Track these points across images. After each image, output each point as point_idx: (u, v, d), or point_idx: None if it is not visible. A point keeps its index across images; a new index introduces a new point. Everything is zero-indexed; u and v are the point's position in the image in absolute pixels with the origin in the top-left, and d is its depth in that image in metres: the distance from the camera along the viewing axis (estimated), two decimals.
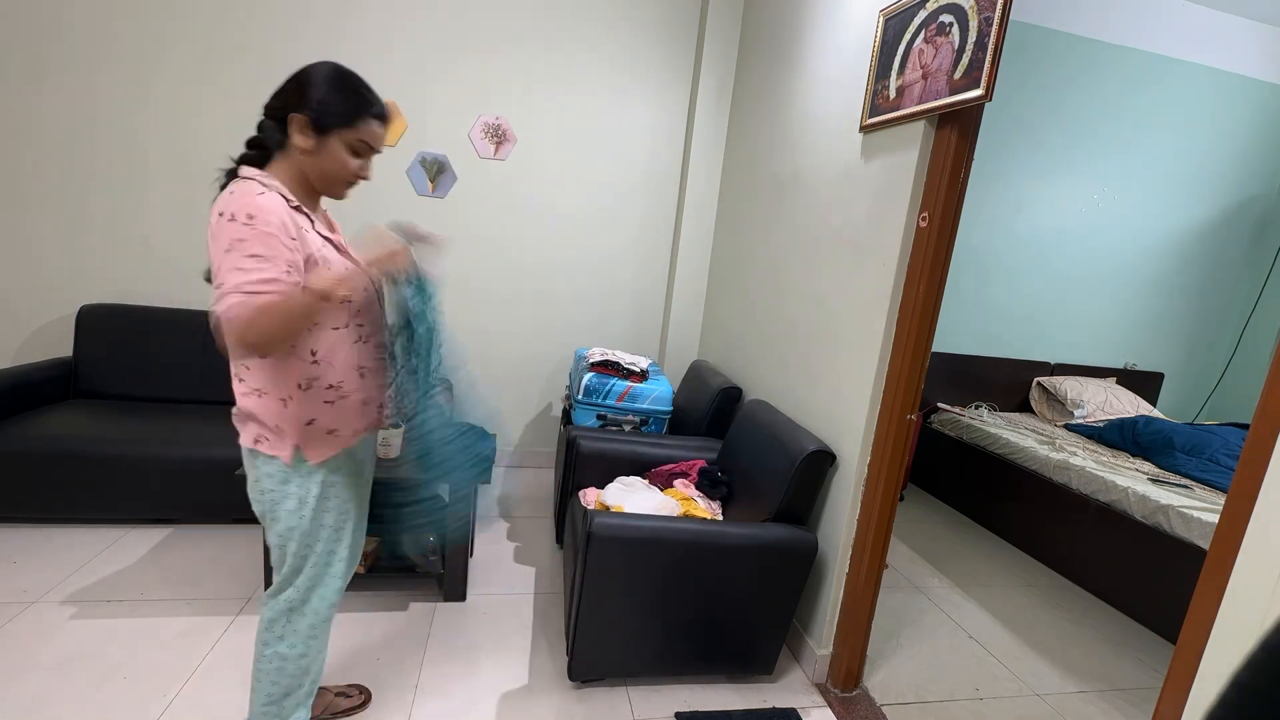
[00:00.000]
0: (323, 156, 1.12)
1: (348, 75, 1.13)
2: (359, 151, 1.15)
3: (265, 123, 1.12)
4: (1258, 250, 4.08)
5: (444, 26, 2.89)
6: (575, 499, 2.15)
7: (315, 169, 1.13)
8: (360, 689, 1.66)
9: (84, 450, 2.25)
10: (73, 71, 2.63)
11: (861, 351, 1.80)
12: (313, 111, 1.08)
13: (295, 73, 1.12)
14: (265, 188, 1.07)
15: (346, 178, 1.17)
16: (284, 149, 1.12)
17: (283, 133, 1.11)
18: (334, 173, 1.14)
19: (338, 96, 1.10)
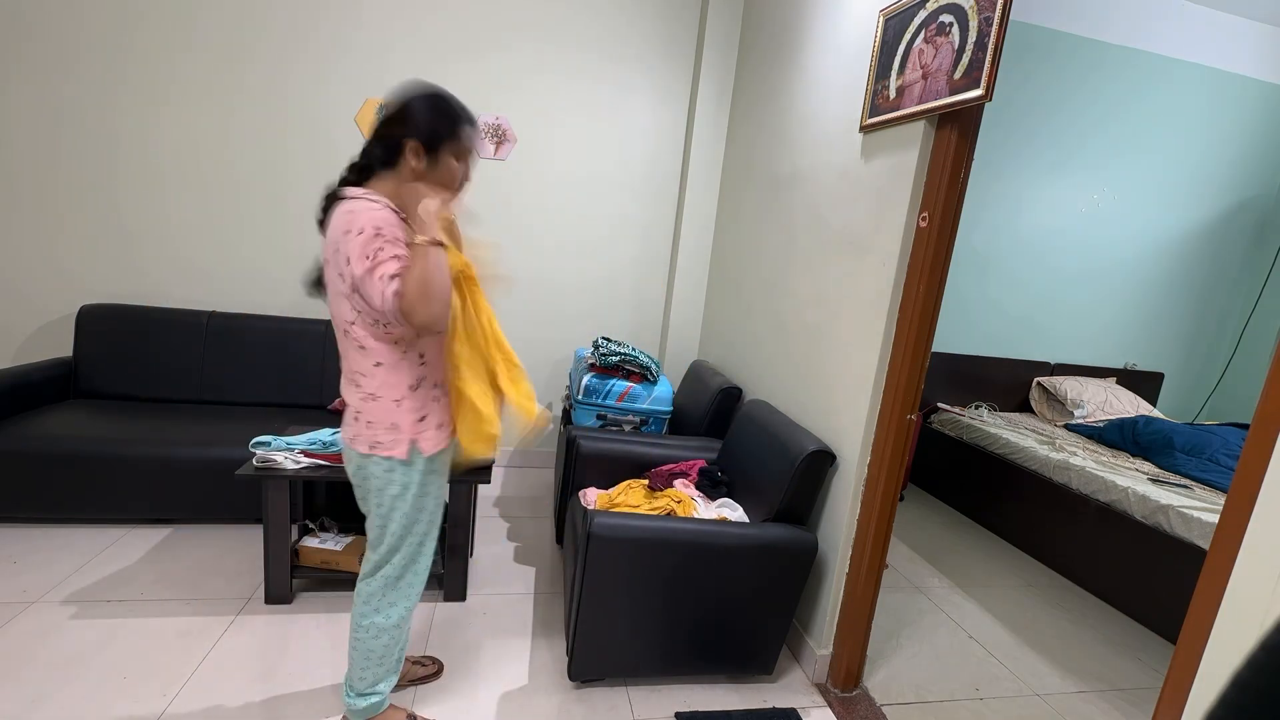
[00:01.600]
0: (437, 170, 1.27)
1: (442, 96, 1.29)
2: (461, 157, 1.30)
3: (376, 147, 1.26)
4: (1258, 250, 4.08)
5: (444, 27, 2.90)
6: (575, 499, 2.15)
7: (433, 181, 1.26)
8: (434, 659, 1.80)
9: (84, 450, 2.25)
10: (72, 71, 2.63)
11: (861, 351, 1.80)
12: (424, 136, 1.23)
13: (400, 102, 1.26)
14: (377, 203, 1.20)
15: (456, 184, 1.31)
16: (393, 169, 1.26)
17: (394, 156, 1.25)
18: (448, 183, 1.29)
19: (441, 119, 1.26)
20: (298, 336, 2.86)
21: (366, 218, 1.16)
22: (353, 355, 1.28)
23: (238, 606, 1.97)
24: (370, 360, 1.26)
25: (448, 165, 1.27)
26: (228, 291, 2.93)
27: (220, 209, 2.86)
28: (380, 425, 1.29)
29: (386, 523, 1.36)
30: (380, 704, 1.50)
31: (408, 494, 1.34)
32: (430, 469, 1.36)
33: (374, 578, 1.41)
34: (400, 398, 1.28)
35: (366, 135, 1.29)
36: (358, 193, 1.22)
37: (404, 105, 1.25)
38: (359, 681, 1.45)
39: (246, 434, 2.08)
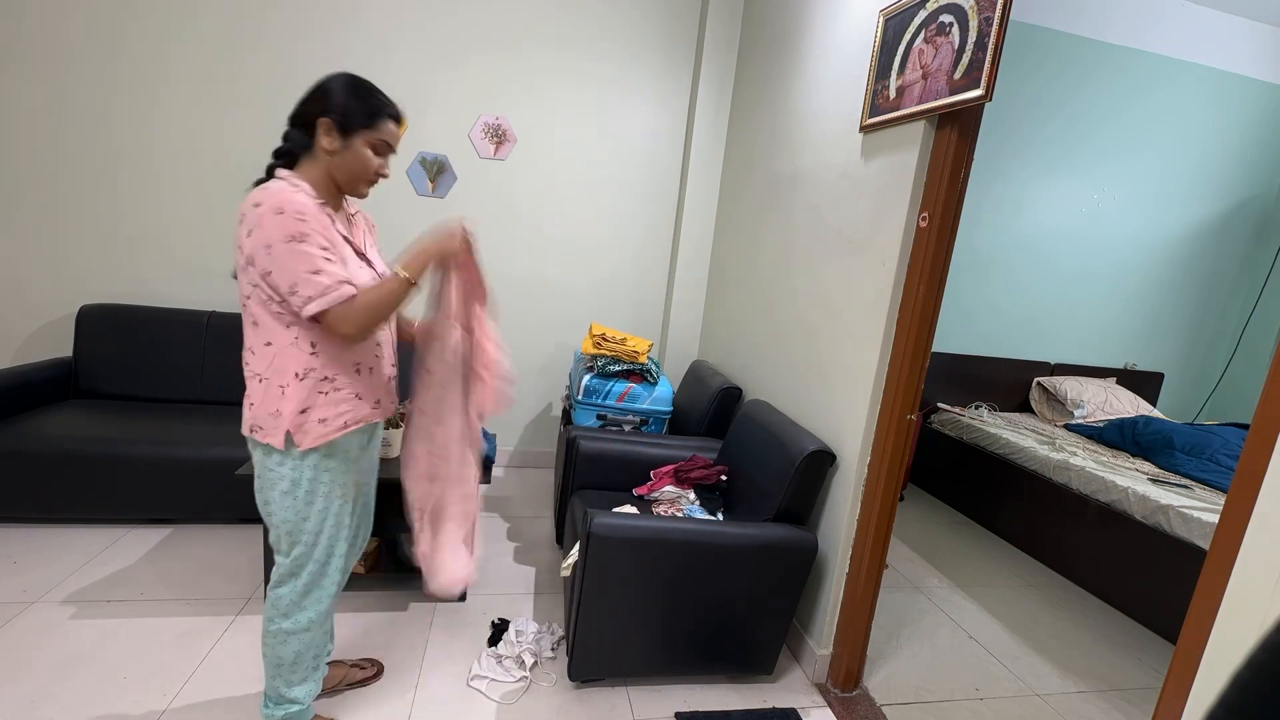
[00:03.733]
0: (348, 156, 1.22)
1: (363, 82, 1.24)
2: (379, 150, 1.25)
3: (292, 130, 1.23)
4: (1257, 250, 4.08)
5: (444, 27, 2.90)
6: (575, 499, 2.14)
7: (341, 168, 1.23)
8: (374, 662, 1.77)
9: (84, 450, 2.25)
10: (74, 71, 2.63)
11: (861, 351, 1.80)
12: (337, 115, 1.19)
13: (316, 84, 1.22)
14: (296, 186, 1.17)
15: (369, 175, 1.26)
16: (310, 153, 1.22)
17: (309, 138, 1.21)
18: (358, 171, 1.24)
19: (357, 101, 1.21)
20: None
21: (282, 197, 1.12)
22: (247, 330, 1.22)
23: (238, 606, 1.97)
24: (261, 338, 1.20)
25: (360, 153, 1.22)
26: (228, 291, 2.93)
27: (221, 209, 2.85)
28: (263, 409, 1.22)
29: (277, 524, 1.29)
30: (301, 713, 1.42)
31: (297, 490, 1.26)
32: (318, 466, 1.27)
33: (283, 589, 1.33)
34: (286, 383, 1.21)
35: None
36: (283, 174, 1.20)
37: (320, 85, 1.22)
38: (271, 690, 1.39)
39: None
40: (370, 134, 1.22)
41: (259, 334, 1.20)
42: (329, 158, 1.21)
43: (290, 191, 1.14)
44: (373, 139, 1.23)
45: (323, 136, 1.20)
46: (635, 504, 2.07)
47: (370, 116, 1.22)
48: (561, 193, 3.18)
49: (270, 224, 1.10)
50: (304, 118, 1.21)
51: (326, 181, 1.24)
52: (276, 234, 1.10)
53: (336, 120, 1.19)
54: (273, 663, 1.37)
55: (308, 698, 1.43)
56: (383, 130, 1.24)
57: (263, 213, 1.10)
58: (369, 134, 1.22)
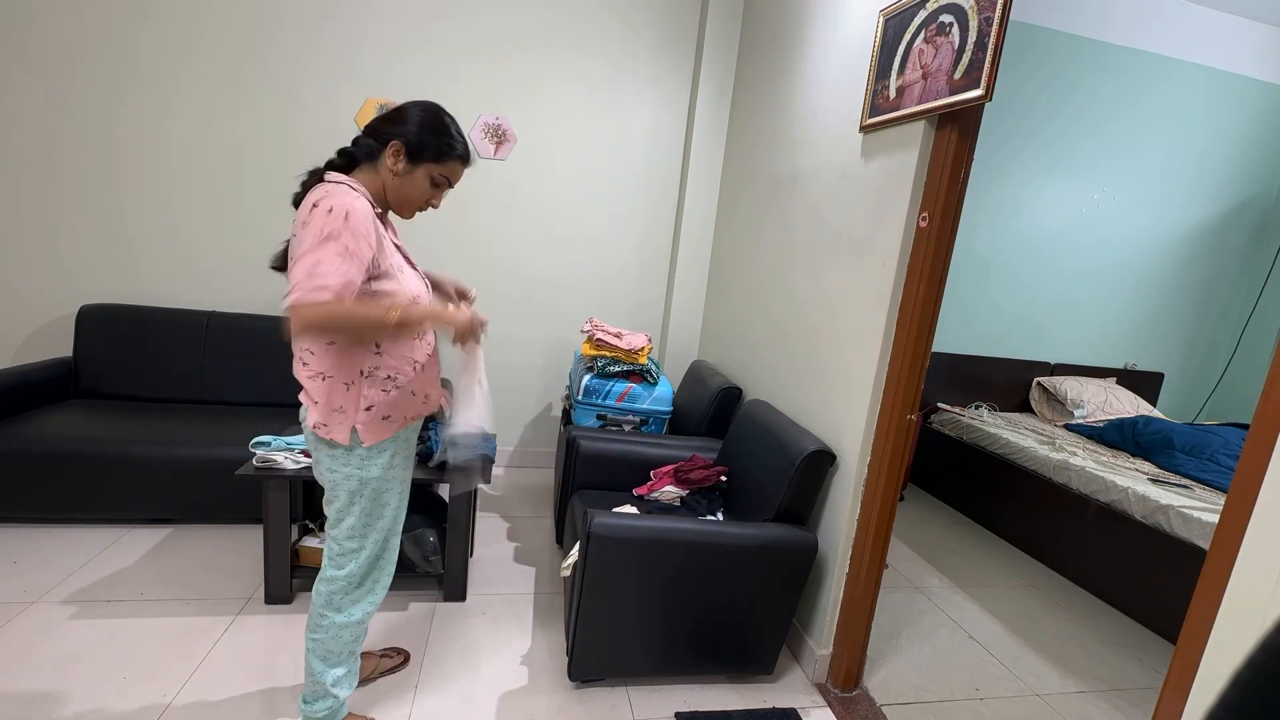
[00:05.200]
0: (408, 181, 1.28)
1: (444, 118, 1.30)
2: (438, 183, 1.32)
3: (365, 140, 1.27)
4: (1257, 250, 4.08)
5: (444, 27, 2.90)
6: (575, 499, 2.14)
7: (397, 190, 1.29)
8: (400, 650, 1.83)
9: (84, 450, 2.25)
10: (76, 71, 2.63)
11: (861, 351, 1.80)
12: (410, 142, 1.25)
13: (402, 105, 1.29)
14: (354, 190, 1.20)
15: (420, 203, 1.33)
16: (372, 164, 1.27)
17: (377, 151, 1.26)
18: (413, 197, 1.31)
19: (433, 136, 1.27)
20: None
21: (340, 199, 1.14)
22: None
23: (238, 606, 1.97)
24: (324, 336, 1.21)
25: (419, 182, 1.29)
26: (228, 291, 2.93)
27: (221, 209, 2.86)
28: (327, 406, 1.25)
29: (339, 518, 1.33)
30: (339, 708, 1.44)
31: (365, 489, 1.31)
32: (386, 463, 1.33)
33: (337, 578, 1.36)
34: (351, 381, 1.25)
35: None
36: (339, 177, 1.23)
37: (403, 108, 1.28)
38: (316, 685, 1.40)
39: (246, 434, 2.08)
40: (435, 167, 1.29)
41: None
42: (390, 176, 1.27)
43: (348, 195, 1.16)
44: (435, 172, 1.29)
45: (390, 156, 1.25)
46: (635, 504, 2.07)
47: (440, 153, 1.28)
48: (561, 193, 3.17)
49: (317, 221, 1.12)
50: (379, 133, 1.26)
51: (380, 195, 1.29)
52: (315, 230, 1.11)
53: (409, 146, 1.25)
54: (319, 657, 1.39)
55: (348, 691, 1.46)
56: (447, 167, 1.30)
57: (319, 212, 1.13)
58: (434, 167, 1.28)
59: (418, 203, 1.32)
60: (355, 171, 1.27)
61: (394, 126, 1.25)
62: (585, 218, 3.23)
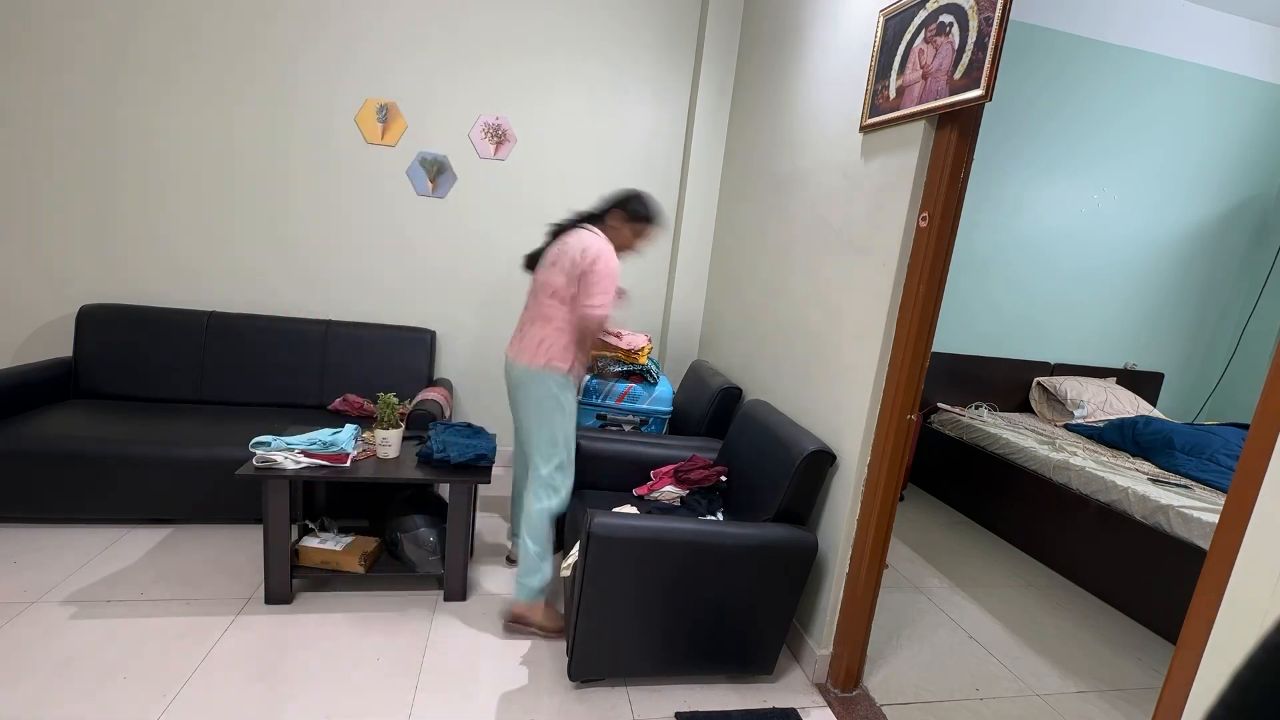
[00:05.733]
0: (622, 234, 2.05)
1: (649, 199, 2.07)
2: (639, 236, 2.09)
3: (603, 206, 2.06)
4: (1257, 250, 4.08)
5: (444, 27, 2.90)
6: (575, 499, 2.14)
7: (616, 238, 2.03)
8: None
9: (84, 450, 2.25)
10: (76, 70, 2.63)
11: (861, 351, 1.80)
12: (629, 214, 2.04)
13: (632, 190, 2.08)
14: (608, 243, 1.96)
15: (628, 249, 2.09)
16: (604, 223, 2.04)
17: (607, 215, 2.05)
18: (623, 245, 2.06)
19: (644, 208, 2.06)
20: (298, 336, 2.86)
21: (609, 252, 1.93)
22: (555, 306, 1.94)
23: (238, 606, 1.97)
24: (564, 314, 1.93)
25: (628, 236, 2.06)
26: (228, 291, 2.93)
27: (221, 209, 2.86)
28: (558, 348, 1.94)
29: (551, 429, 1.96)
30: (544, 585, 1.96)
31: (566, 407, 1.98)
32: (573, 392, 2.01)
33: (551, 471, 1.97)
34: (567, 343, 1.95)
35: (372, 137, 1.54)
36: (595, 230, 1.99)
37: (633, 192, 2.06)
38: (529, 561, 1.92)
39: (247, 434, 2.08)
40: (640, 227, 2.06)
41: (563, 311, 1.93)
42: (610, 231, 2.02)
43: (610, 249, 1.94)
44: (640, 230, 2.07)
45: (615, 220, 2.04)
46: (635, 504, 2.07)
47: (645, 220, 2.06)
48: (561, 193, 3.17)
49: (605, 262, 1.89)
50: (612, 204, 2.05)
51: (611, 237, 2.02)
52: (605, 269, 1.88)
53: (628, 216, 2.04)
54: (532, 536, 1.94)
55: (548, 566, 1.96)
56: (647, 230, 2.08)
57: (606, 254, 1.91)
58: (639, 227, 2.06)
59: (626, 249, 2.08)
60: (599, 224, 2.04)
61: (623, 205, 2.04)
62: None
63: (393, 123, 2.92)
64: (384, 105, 2.89)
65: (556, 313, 1.94)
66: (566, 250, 1.92)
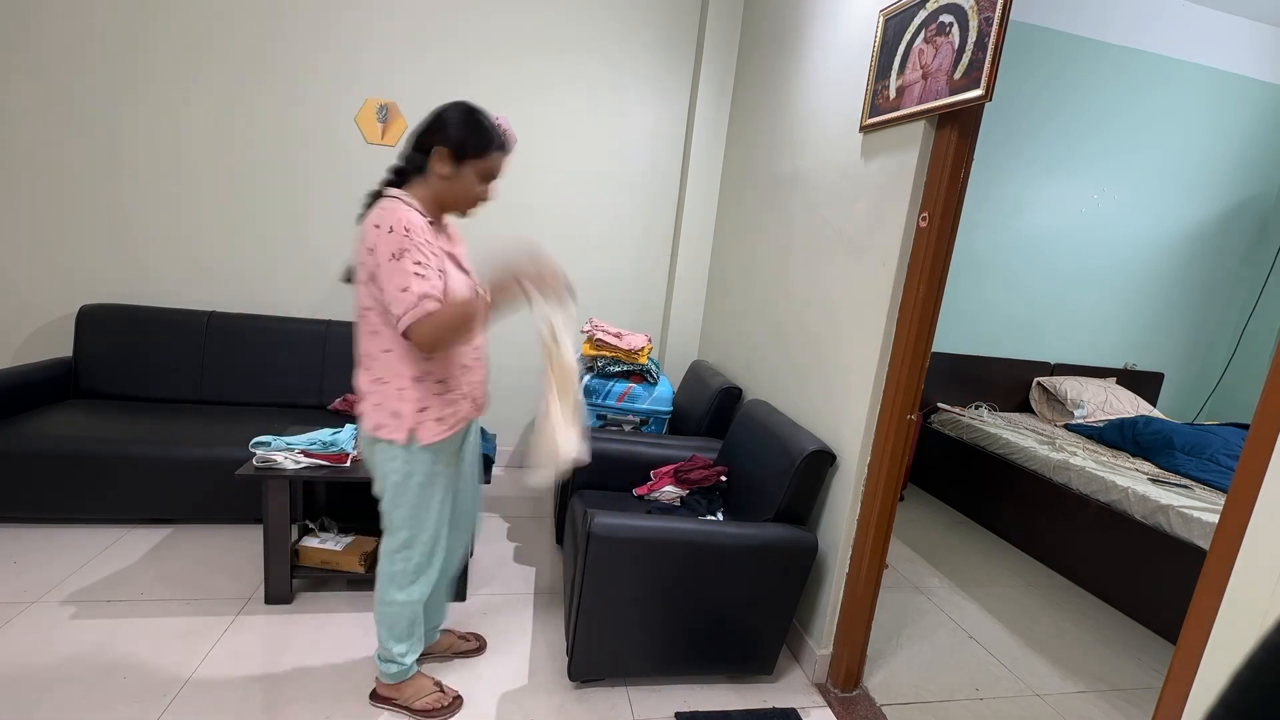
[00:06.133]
0: (457, 182, 1.35)
1: (478, 114, 1.34)
2: (485, 177, 1.38)
3: (413, 154, 1.34)
4: (1258, 250, 4.08)
5: (444, 27, 2.90)
6: (575, 499, 2.14)
7: (450, 192, 1.36)
8: (478, 636, 1.91)
9: (84, 450, 2.25)
10: (78, 70, 2.63)
11: (861, 351, 1.80)
12: (453, 145, 1.31)
13: (435, 112, 1.33)
14: (408, 205, 1.29)
15: (474, 199, 1.40)
16: (423, 175, 1.35)
17: (424, 161, 1.33)
18: (466, 195, 1.38)
19: (471, 134, 1.32)
20: (298, 336, 2.86)
21: (396, 216, 1.24)
22: (366, 339, 1.34)
23: (238, 606, 1.97)
24: (380, 345, 1.33)
25: (468, 180, 1.35)
26: (228, 291, 2.93)
27: (222, 209, 2.86)
28: (385, 409, 1.35)
29: (392, 510, 1.43)
30: (406, 671, 1.59)
31: (410, 482, 1.39)
32: (434, 460, 1.41)
33: (394, 559, 1.47)
34: (404, 386, 1.34)
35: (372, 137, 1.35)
36: (395, 193, 1.32)
37: (439, 114, 1.33)
38: (384, 651, 1.57)
39: (246, 434, 2.08)
40: (479, 163, 1.34)
41: (378, 341, 1.32)
42: (441, 181, 1.34)
43: (403, 210, 1.26)
44: (480, 167, 1.35)
45: (437, 163, 1.32)
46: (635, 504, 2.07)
47: (481, 148, 1.33)
48: (561, 193, 3.17)
49: (383, 242, 1.23)
50: (422, 145, 1.32)
51: (435, 201, 1.37)
52: (385, 252, 1.22)
53: (452, 149, 1.31)
54: (386, 627, 1.54)
55: (412, 659, 1.60)
56: (491, 160, 1.36)
57: (380, 232, 1.23)
58: (478, 163, 1.34)
59: (471, 200, 1.39)
60: (408, 185, 1.35)
61: (434, 134, 1.31)
62: (585, 218, 3.23)
63: (393, 123, 2.92)
64: (384, 105, 2.89)
65: (375, 343, 1.33)
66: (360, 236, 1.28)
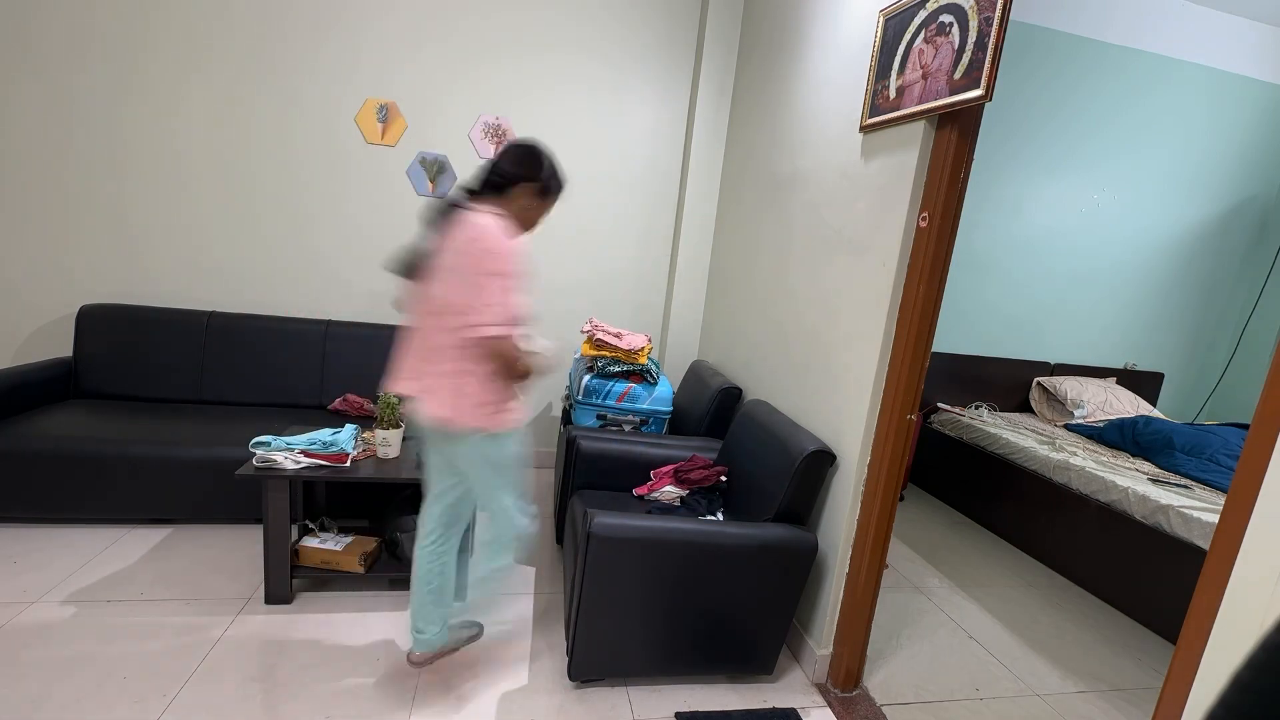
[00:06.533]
0: (534, 213, 1.57)
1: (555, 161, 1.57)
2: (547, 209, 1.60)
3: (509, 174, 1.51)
4: (1258, 250, 4.08)
5: (444, 26, 2.90)
6: (575, 499, 2.14)
7: (526, 219, 1.56)
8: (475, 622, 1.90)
9: (84, 450, 2.25)
10: (79, 70, 2.63)
11: (861, 351, 1.80)
12: (543, 183, 1.53)
13: (531, 149, 1.53)
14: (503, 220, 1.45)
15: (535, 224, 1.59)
16: (503, 196, 1.51)
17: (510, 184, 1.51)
18: (533, 224, 1.59)
19: (554, 180, 1.57)
20: (298, 336, 2.86)
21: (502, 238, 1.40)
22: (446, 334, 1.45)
23: (238, 606, 1.97)
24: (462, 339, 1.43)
25: (541, 214, 1.58)
26: (228, 291, 2.93)
27: (222, 209, 2.86)
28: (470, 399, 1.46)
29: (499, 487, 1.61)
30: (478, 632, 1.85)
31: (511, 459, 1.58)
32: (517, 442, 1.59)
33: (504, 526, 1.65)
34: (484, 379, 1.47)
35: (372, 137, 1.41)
36: (484, 208, 1.45)
37: (539, 155, 1.53)
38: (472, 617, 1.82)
39: (246, 434, 2.08)
40: (551, 201, 1.58)
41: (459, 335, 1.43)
42: (522, 210, 1.53)
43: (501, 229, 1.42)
44: (549, 204, 1.59)
45: (524, 194, 1.52)
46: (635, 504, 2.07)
47: (558, 191, 1.59)
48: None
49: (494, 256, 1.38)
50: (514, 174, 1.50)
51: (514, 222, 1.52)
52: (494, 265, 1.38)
53: (539, 187, 1.53)
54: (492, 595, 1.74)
55: None
56: (554, 201, 1.60)
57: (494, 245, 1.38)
58: (550, 201, 1.58)
59: (536, 225, 1.59)
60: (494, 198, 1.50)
61: (531, 169, 1.51)
62: (585, 217, 3.23)
63: (393, 122, 2.92)
64: (384, 105, 2.89)
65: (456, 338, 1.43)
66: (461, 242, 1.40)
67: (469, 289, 1.38)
